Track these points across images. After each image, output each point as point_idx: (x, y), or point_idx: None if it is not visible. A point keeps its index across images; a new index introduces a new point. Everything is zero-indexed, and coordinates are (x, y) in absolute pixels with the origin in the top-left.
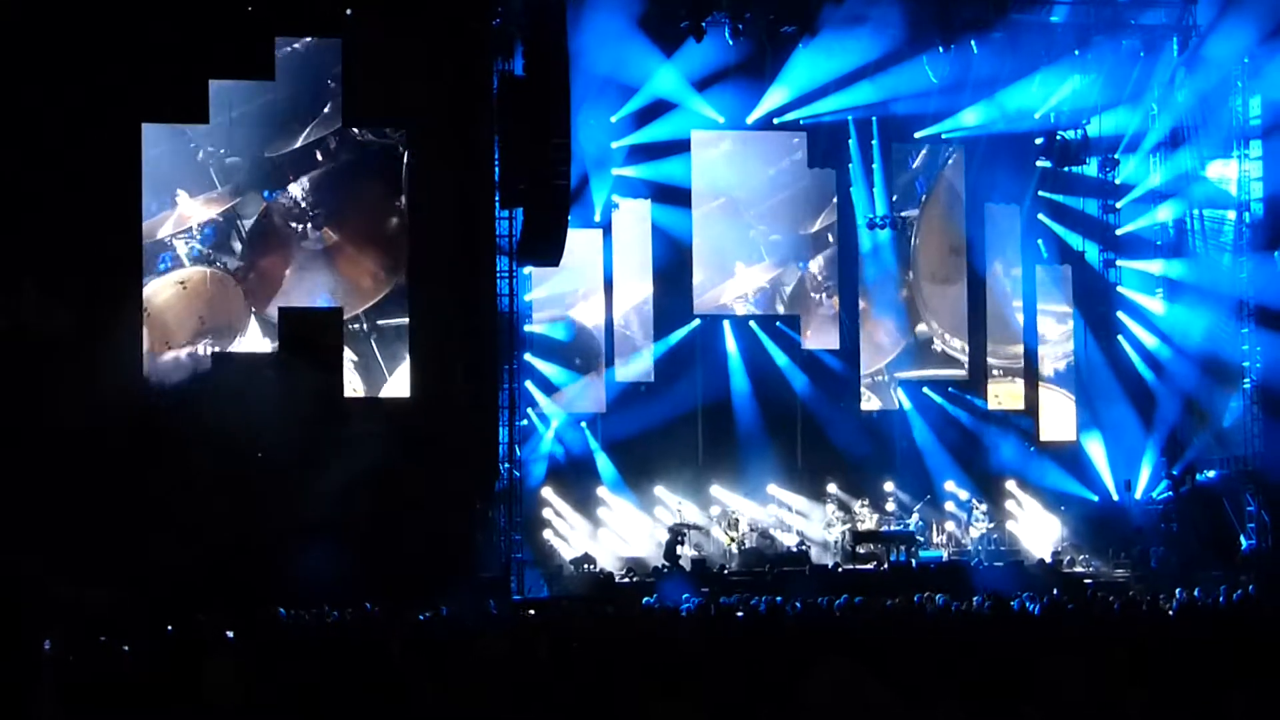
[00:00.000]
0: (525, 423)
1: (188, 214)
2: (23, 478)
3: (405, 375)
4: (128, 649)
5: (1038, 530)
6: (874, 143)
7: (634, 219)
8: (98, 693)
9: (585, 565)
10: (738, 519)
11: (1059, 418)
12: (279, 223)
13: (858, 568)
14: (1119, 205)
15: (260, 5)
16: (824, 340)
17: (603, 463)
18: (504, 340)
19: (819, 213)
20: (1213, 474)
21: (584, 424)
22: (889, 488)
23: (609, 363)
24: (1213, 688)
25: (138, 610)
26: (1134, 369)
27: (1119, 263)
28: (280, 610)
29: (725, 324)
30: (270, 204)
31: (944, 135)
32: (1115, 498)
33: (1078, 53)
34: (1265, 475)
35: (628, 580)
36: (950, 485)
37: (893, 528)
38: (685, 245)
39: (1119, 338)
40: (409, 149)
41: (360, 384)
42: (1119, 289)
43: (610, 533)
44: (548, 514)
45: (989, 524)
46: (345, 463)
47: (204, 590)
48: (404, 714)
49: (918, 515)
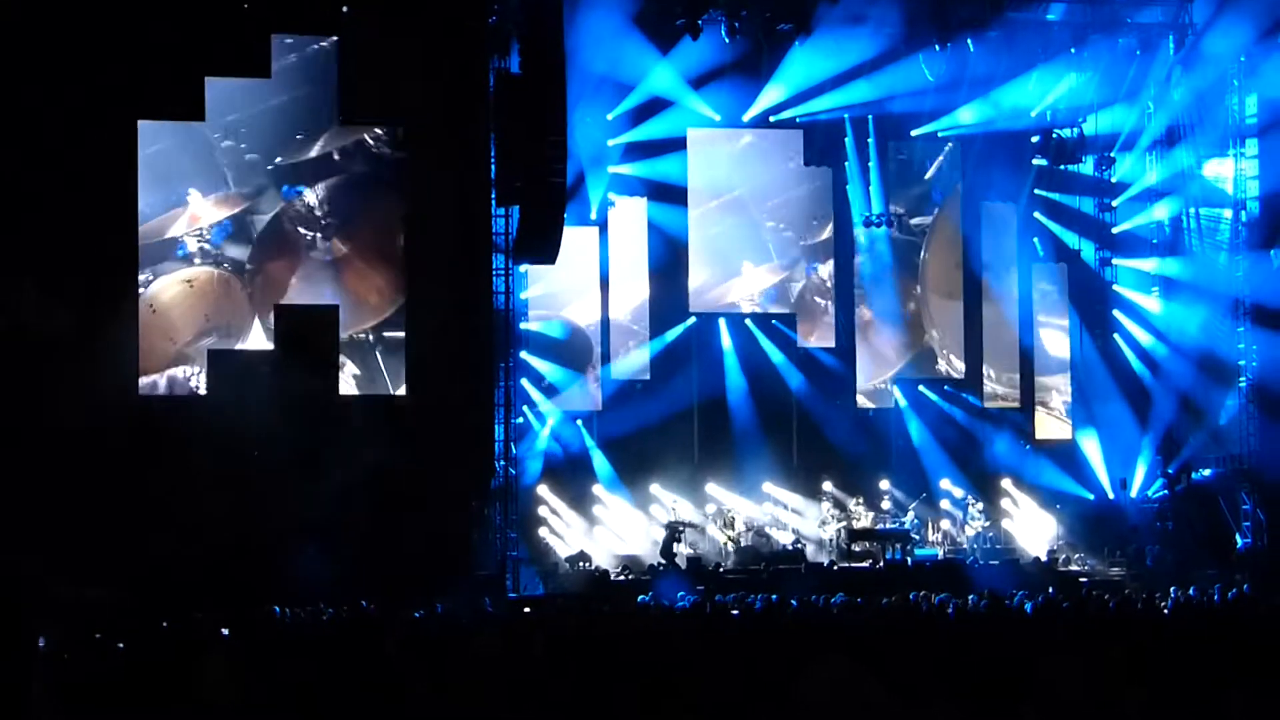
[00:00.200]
0: (521, 420)
1: (198, 213)
2: (19, 476)
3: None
4: (123, 647)
5: (1033, 528)
6: (870, 141)
7: (630, 217)
8: (93, 691)
9: (581, 563)
10: (734, 517)
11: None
12: (290, 227)
13: (853, 566)
14: (1115, 203)
15: (257, 3)
16: (825, 340)
17: (598, 460)
18: (500, 338)
19: (829, 216)
20: (1208, 472)
21: (580, 422)
22: (884, 486)
23: (605, 360)
24: (1208, 686)
25: (134, 608)
26: (1130, 367)
27: (1115, 261)
28: (276, 608)
29: (721, 322)
30: (285, 205)
31: (940, 133)
32: (1111, 496)
33: (1074, 51)
34: (1261, 474)
35: (623, 578)
36: (946, 483)
37: (888, 526)
38: (681, 243)
39: (1115, 336)
40: (405, 147)
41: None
42: (1115, 287)
43: (606, 530)
44: (543, 512)
45: (984, 522)
46: (341, 461)
47: (200, 588)
48: (400, 712)
49: (913, 513)
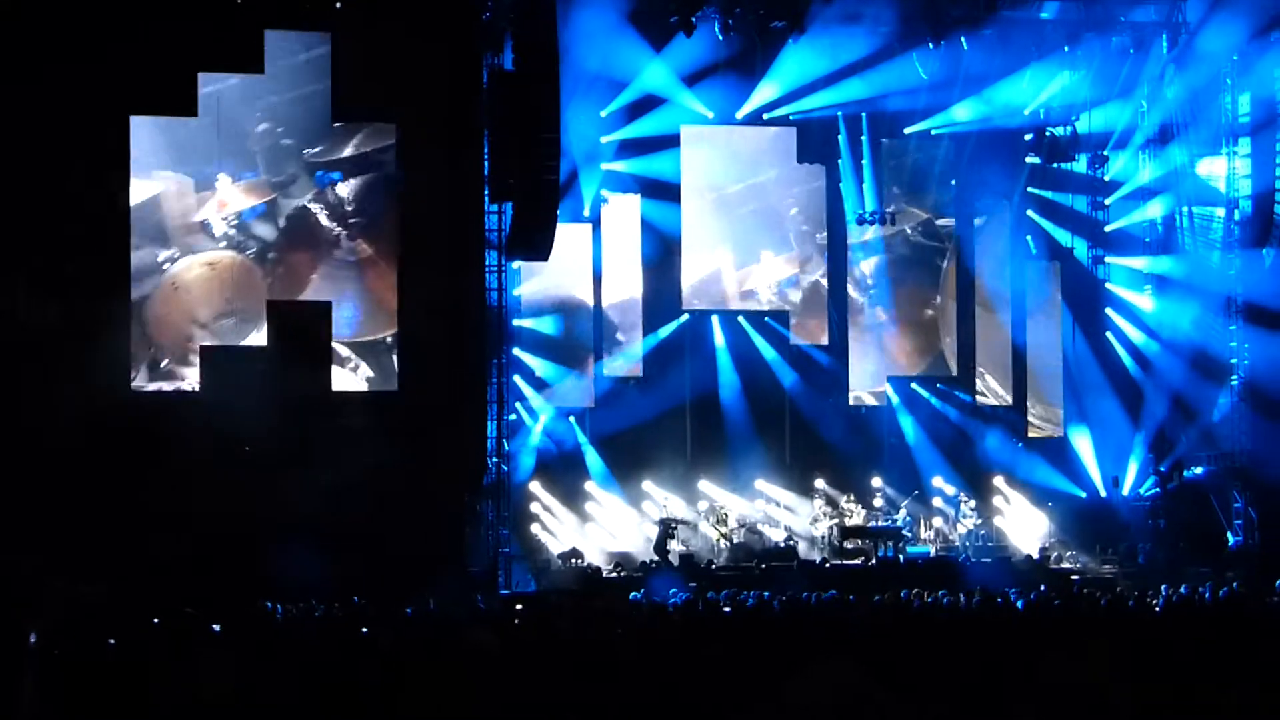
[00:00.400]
0: (513, 417)
1: (226, 199)
2: (10, 472)
3: None
4: (114, 642)
5: (1025, 526)
6: (863, 139)
7: (623, 214)
8: (84, 686)
9: (573, 560)
10: (726, 514)
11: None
12: (315, 220)
13: (845, 563)
14: (1108, 202)
15: None
16: (817, 337)
17: (591, 457)
18: (492, 334)
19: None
20: (1200, 470)
21: (572, 418)
22: (877, 483)
23: (597, 357)
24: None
25: (125, 604)
26: (1122, 365)
27: (1108, 259)
28: (268, 604)
29: (714, 319)
30: (316, 194)
31: (933, 131)
32: (1103, 494)
33: (1067, 49)
34: (1253, 472)
35: (616, 575)
36: (938, 481)
37: (880, 523)
38: (674, 240)
39: (1107, 334)
40: (398, 143)
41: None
42: (1107, 285)
43: (598, 527)
44: (535, 508)
45: (976, 520)
46: (333, 457)
47: (191, 583)
48: (392, 708)
49: (905, 511)
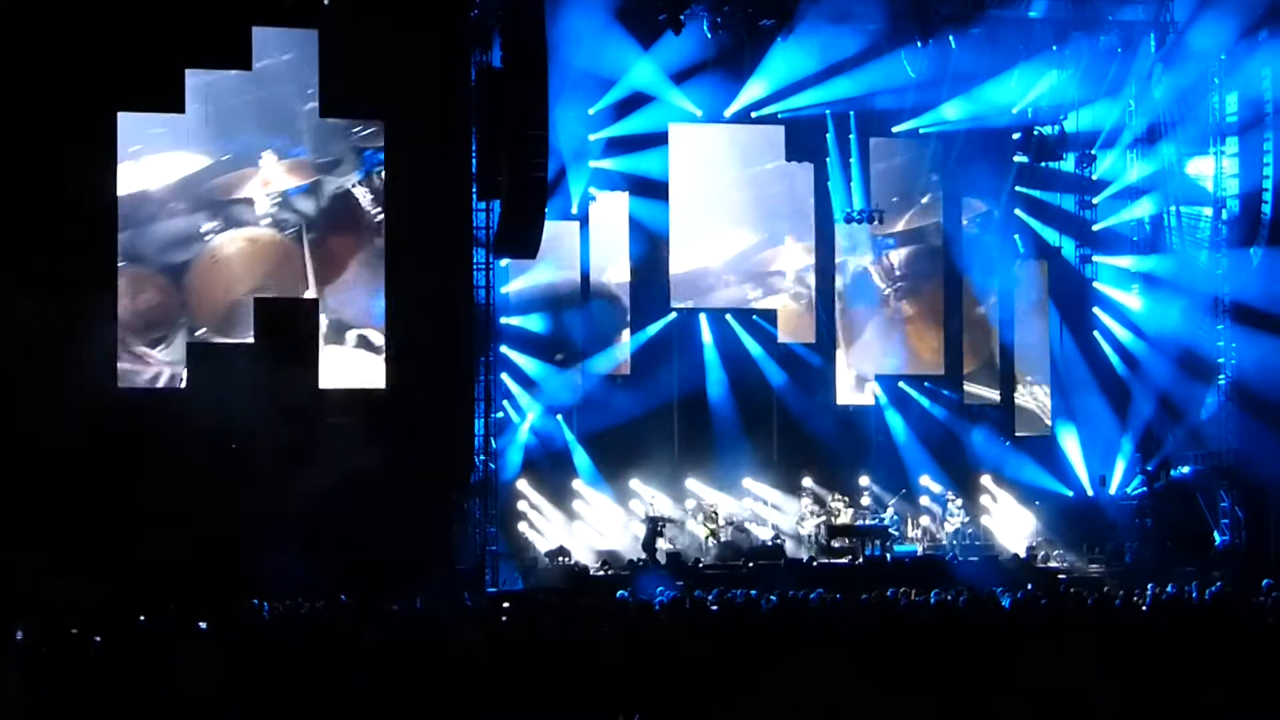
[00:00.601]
0: (501, 415)
1: (270, 178)
2: None
3: None
4: (100, 640)
5: (1012, 525)
6: (852, 137)
7: (611, 212)
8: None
9: (560, 558)
10: (716, 511)
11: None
12: (357, 204)
13: (832, 562)
14: (1096, 201)
15: None
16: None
17: (579, 455)
18: (480, 332)
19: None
20: (1187, 470)
21: (560, 416)
22: (864, 482)
23: (585, 355)
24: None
25: (111, 602)
26: (1109, 364)
27: (1095, 258)
28: (254, 601)
29: (701, 317)
30: (362, 178)
31: (921, 130)
32: (1090, 493)
33: (1055, 48)
34: (1239, 471)
35: (603, 573)
36: (926, 479)
37: (868, 522)
38: (662, 238)
39: (1095, 333)
40: (386, 140)
41: None
42: (1095, 284)
43: (586, 526)
44: (523, 506)
45: (964, 518)
46: (320, 454)
47: (177, 581)
48: (378, 706)
49: (893, 509)
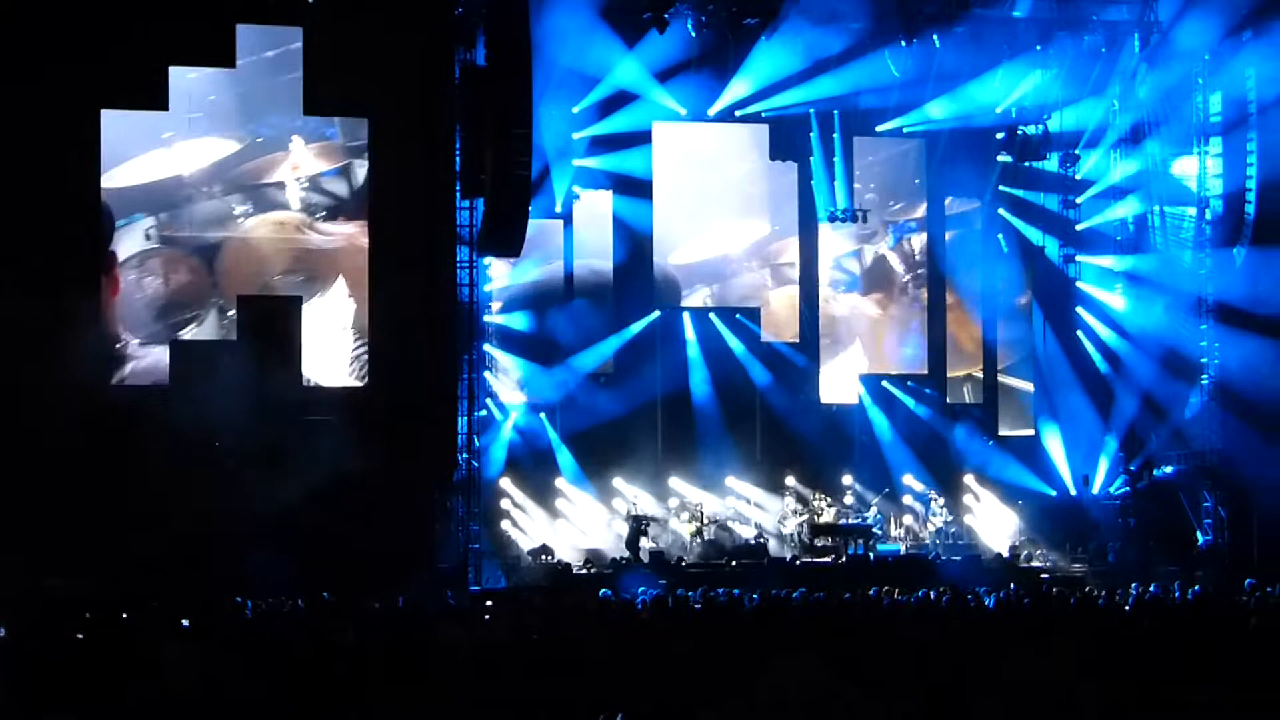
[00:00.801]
0: (484, 413)
1: (299, 162)
2: None
3: None
4: (83, 637)
5: (995, 524)
6: (835, 136)
7: (595, 210)
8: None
9: (543, 556)
10: (702, 510)
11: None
12: None
13: (815, 560)
14: (1079, 200)
15: None
16: (790, 335)
17: (562, 454)
18: (463, 330)
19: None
20: (1170, 469)
21: (543, 415)
22: (847, 480)
23: (568, 354)
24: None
25: (94, 599)
26: (1093, 364)
27: (1079, 258)
28: (236, 599)
29: (685, 316)
30: None
31: (905, 129)
32: (1073, 492)
33: (1039, 48)
34: (1223, 471)
35: (586, 571)
36: (909, 479)
37: (851, 521)
38: (646, 236)
39: (1078, 333)
40: (370, 138)
41: None
42: (1078, 284)
43: (569, 524)
44: (506, 505)
45: (947, 517)
46: (303, 452)
47: (160, 579)
48: (361, 703)
49: (876, 508)
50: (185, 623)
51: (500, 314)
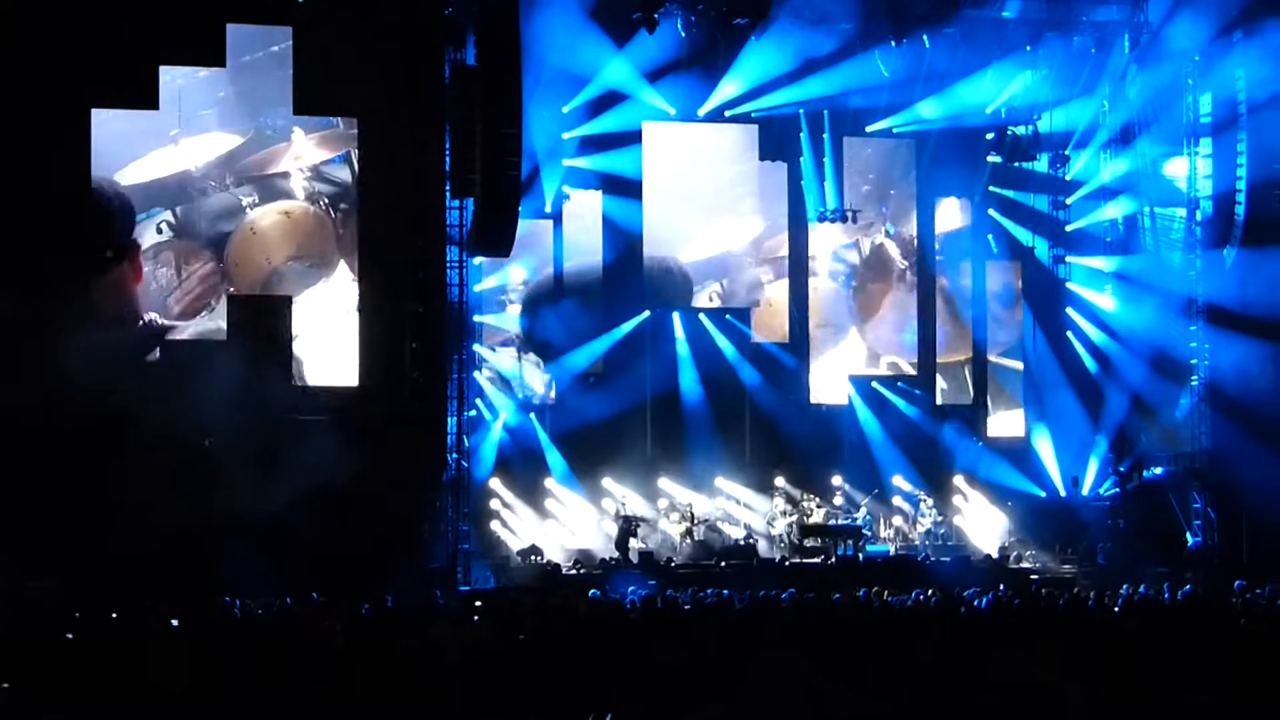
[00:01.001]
0: (474, 413)
1: (301, 152)
2: None
3: None
4: (72, 637)
5: (985, 525)
6: (825, 136)
7: (585, 210)
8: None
9: (532, 556)
10: (693, 510)
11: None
12: None
13: (805, 561)
14: (1069, 201)
15: None
16: (779, 336)
17: (551, 454)
18: (453, 330)
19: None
20: (1160, 471)
21: (532, 415)
22: (837, 481)
23: (558, 354)
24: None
25: (83, 599)
26: (1082, 365)
27: (1069, 259)
28: (225, 599)
29: (675, 316)
30: None
31: (895, 130)
32: (1063, 493)
33: (1029, 48)
34: (1212, 472)
35: (575, 572)
36: (898, 479)
37: (840, 522)
38: (636, 236)
39: (1068, 334)
40: (360, 137)
41: None
42: (1068, 285)
43: (558, 524)
44: (495, 505)
45: (936, 517)
46: (293, 451)
47: (149, 579)
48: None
49: (865, 509)
50: (174, 623)
51: (490, 314)
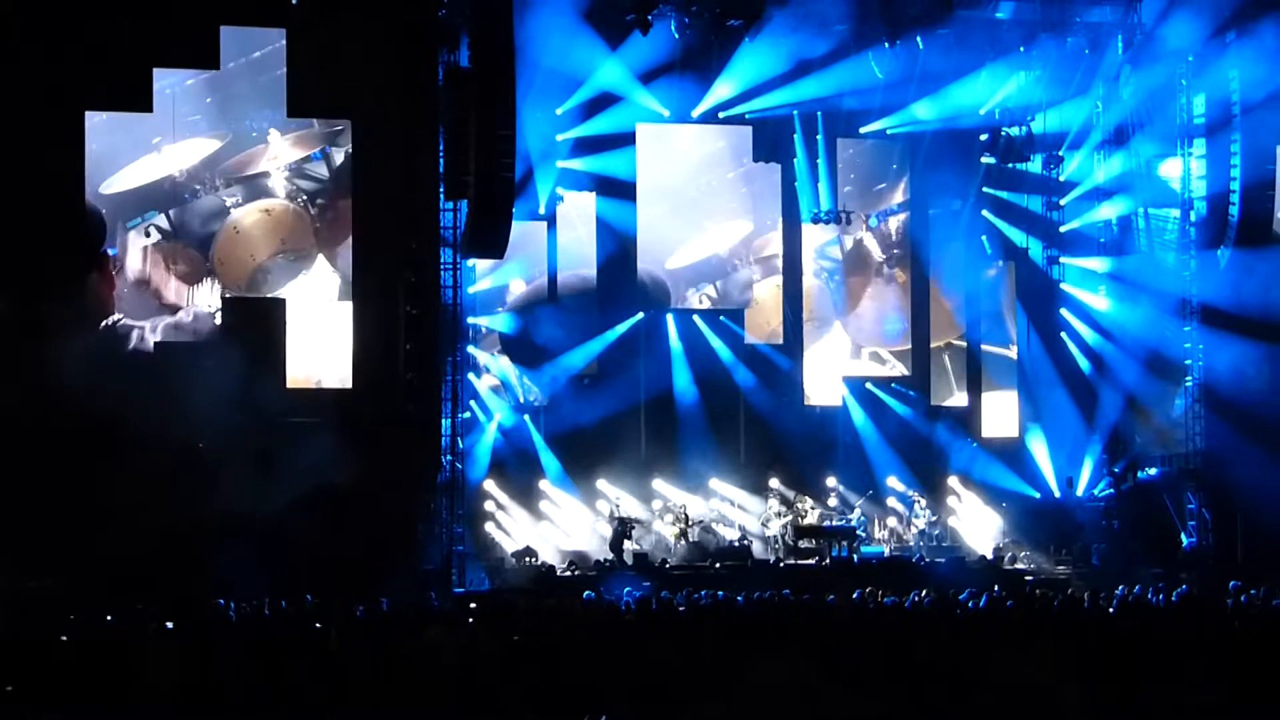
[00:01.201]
0: (468, 415)
1: (277, 153)
2: None
3: None
4: (67, 639)
5: (979, 526)
6: (819, 137)
7: (578, 211)
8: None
9: (527, 558)
10: (687, 512)
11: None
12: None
13: (799, 563)
14: (1063, 202)
15: None
16: (774, 337)
17: (545, 456)
18: (447, 332)
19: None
20: (1154, 471)
21: (527, 417)
22: (831, 482)
23: (552, 355)
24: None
25: (78, 601)
26: (1077, 366)
27: (1063, 259)
28: (219, 601)
29: (669, 318)
30: None
31: (889, 131)
32: (1057, 494)
33: (1023, 50)
34: (1207, 473)
35: (570, 573)
36: (893, 480)
37: (834, 523)
38: (630, 238)
39: (1062, 335)
40: (354, 140)
41: None
42: (1062, 286)
43: (553, 526)
44: (490, 507)
45: (930, 517)
46: (287, 453)
47: (144, 581)
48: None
49: (860, 510)
50: (169, 624)
51: (484, 316)
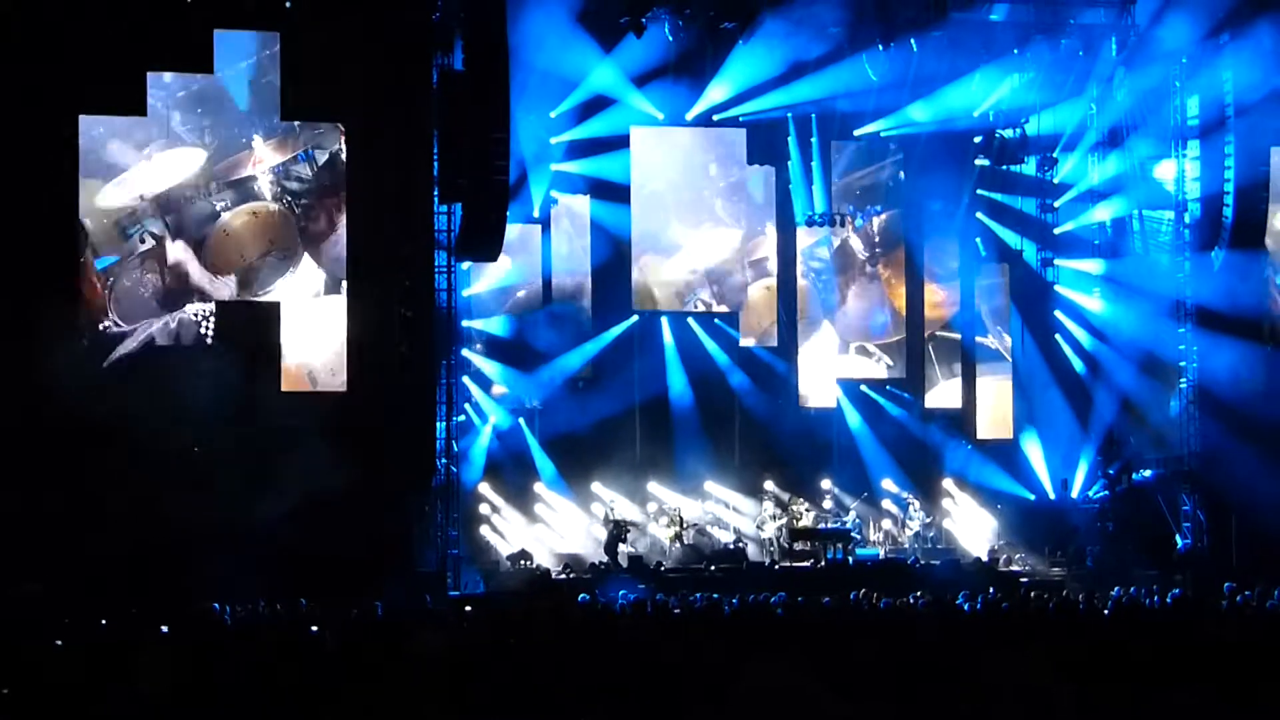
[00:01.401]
0: (463, 418)
1: (261, 157)
2: None
3: None
4: (60, 644)
5: (974, 528)
6: (813, 140)
7: (573, 214)
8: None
9: (522, 561)
10: (681, 514)
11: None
12: (344, 166)
13: (794, 565)
14: (1057, 204)
15: None
16: (768, 339)
17: (540, 459)
18: (441, 335)
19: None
20: (1149, 473)
21: (521, 420)
22: (826, 485)
23: (547, 358)
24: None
25: (71, 605)
26: (1071, 368)
27: (1057, 262)
28: (214, 604)
29: (663, 320)
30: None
31: (883, 133)
32: (1052, 496)
33: (1017, 52)
34: (1202, 475)
35: (565, 576)
36: (888, 483)
37: (829, 525)
38: (624, 241)
39: (1056, 337)
40: (348, 143)
41: None
42: (1056, 288)
43: (547, 529)
44: (485, 510)
45: (925, 519)
46: (281, 457)
47: (138, 584)
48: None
49: (854, 513)
50: (164, 629)
51: (478, 319)
